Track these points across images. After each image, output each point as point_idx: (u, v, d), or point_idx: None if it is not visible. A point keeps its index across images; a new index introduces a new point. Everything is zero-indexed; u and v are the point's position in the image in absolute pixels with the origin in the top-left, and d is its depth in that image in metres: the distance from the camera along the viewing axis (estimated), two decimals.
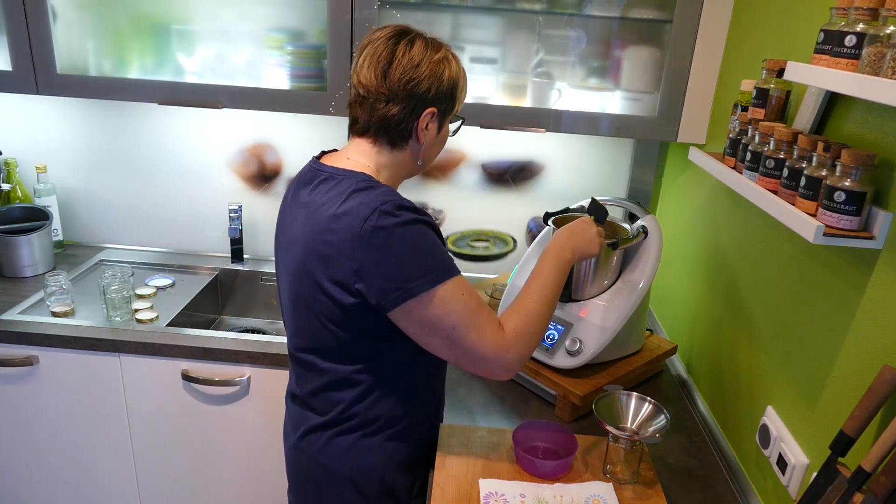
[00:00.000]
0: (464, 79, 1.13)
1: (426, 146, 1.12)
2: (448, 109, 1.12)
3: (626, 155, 1.96)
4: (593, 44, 1.66)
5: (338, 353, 1.09)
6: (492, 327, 1.03)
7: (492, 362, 1.03)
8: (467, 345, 1.02)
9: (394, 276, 0.98)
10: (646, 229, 1.41)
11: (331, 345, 1.09)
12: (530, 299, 1.09)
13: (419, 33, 1.09)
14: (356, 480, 1.15)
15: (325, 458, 1.15)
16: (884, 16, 0.83)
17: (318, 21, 1.66)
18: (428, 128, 1.10)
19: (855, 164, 0.88)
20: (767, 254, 1.24)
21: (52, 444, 1.72)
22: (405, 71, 1.04)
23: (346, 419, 1.12)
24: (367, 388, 1.11)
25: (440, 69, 1.07)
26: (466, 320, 1.01)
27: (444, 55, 1.09)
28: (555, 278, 1.12)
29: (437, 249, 1.02)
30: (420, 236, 1.00)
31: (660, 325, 1.84)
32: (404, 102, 1.06)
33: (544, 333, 1.09)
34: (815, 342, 1.05)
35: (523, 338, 1.05)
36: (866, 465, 0.83)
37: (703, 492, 1.20)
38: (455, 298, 1.01)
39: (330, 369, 1.11)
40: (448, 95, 1.10)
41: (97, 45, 1.73)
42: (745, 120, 1.21)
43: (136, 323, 1.68)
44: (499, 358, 1.03)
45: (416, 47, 1.06)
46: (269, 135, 1.99)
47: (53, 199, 2.00)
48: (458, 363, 1.05)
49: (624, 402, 1.20)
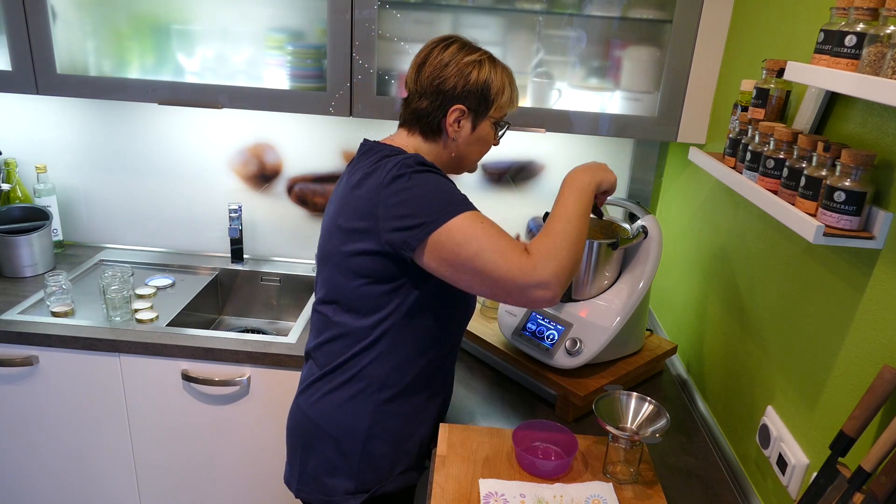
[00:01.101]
0: (503, 84, 1.18)
1: (460, 143, 1.20)
2: (482, 110, 1.18)
3: (626, 155, 1.96)
4: (593, 44, 1.66)
5: (350, 306, 1.16)
6: (517, 250, 1.04)
7: (524, 283, 1.02)
8: (495, 270, 1.03)
9: (413, 214, 1.05)
10: (646, 229, 1.41)
11: (346, 296, 1.16)
12: (553, 221, 1.09)
13: (460, 40, 1.19)
14: (339, 440, 1.19)
15: (314, 413, 1.21)
16: (884, 16, 0.83)
17: (318, 21, 1.66)
18: (460, 125, 1.18)
19: (855, 164, 0.88)
20: (767, 254, 1.24)
21: (52, 444, 1.72)
22: (434, 70, 1.16)
23: (340, 373, 1.18)
24: (367, 345, 1.16)
25: (468, 70, 1.15)
26: (489, 245, 1.03)
27: (478, 59, 1.16)
28: (575, 199, 1.11)
29: (452, 190, 1.09)
30: (435, 180, 1.08)
31: (660, 325, 1.84)
32: (432, 98, 1.16)
33: (577, 251, 1.07)
34: (815, 342, 1.05)
35: (551, 253, 1.04)
36: (866, 465, 0.83)
37: (703, 492, 1.20)
38: (474, 226, 1.04)
39: (340, 322, 1.18)
40: (479, 96, 1.16)
41: (97, 45, 1.73)
42: (745, 120, 1.21)
43: (136, 323, 1.68)
44: (529, 277, 1.02)
45: (450, 50, 1.16)
46: (269, 135, 1.99)
47: (53, 199, 2.00)
48: (495, 294, 1.06)
49: (624, 402, 1.20)
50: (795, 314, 1.12)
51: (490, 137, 1.23)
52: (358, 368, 1.17)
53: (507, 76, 1.20)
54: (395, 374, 1.18)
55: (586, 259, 1.38)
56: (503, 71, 1.20)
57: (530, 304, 1.05)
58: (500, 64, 1.21)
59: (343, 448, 1.19)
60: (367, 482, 1.20)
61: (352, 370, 1.18)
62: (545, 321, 1.42)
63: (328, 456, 1.20)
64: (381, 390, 1.18)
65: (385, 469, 1.21)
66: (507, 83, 1.20)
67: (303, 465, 1.24)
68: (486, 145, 1.25)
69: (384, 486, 1.21)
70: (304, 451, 1.23)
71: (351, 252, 1.12)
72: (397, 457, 1.22)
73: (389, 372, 1.17)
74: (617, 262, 1.42)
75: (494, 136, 1.24)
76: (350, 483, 1.20)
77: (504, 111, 1.22)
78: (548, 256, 1.04)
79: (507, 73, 1.21)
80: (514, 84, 1.23)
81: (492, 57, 1.20)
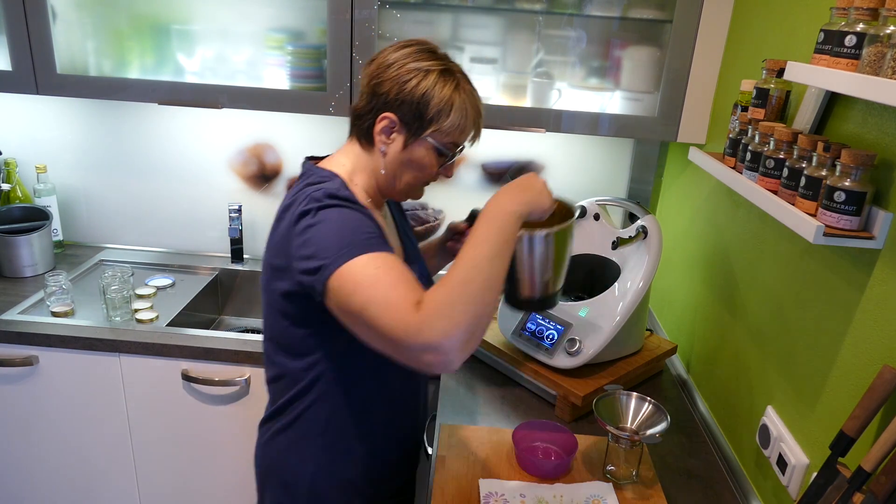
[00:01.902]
0: (450, 105, 1.03)
1: (389, 159, 1.07)
2: (415, 128, 1.04)
3: (626, 155, 1.96)
4: (593, 44, 1.66)
5: (284, 345, 1.09)
6: (406, 304, 0.86)
7: (409, 344, 0.84)
8: (381, 327, 0.87)
9: (314, 256, 0.94)
10: (646, 229, 1.41)
11: (278, 335, 1.09)
12: (456, 266, 0.90)
13: (426, 46, 1.06)
14: (287, 484, 1.14)
15: (264, 453, 1.17)
16: (884, 16, 0.83)
17: (318, 21, 1.66)
18: (391, 137, 1.05)
19: (855, 164, 0.88)
20: (767, 254, 1.24)
21: (52, 444, 1.72)
22: (377, 68, 1.05)
23: (283, 416, 1.12)
24: (303, 388, 1.09)
25: (408, 76, 1.02)
26: (376, 296, 0.87)
27: (427, 68, 1.02)
28: (491, 235, 0.93)
29: (356, 228, 0.95)
30: (339, 216, 0.97)
31: (660, 325, 1.84)
32: (367, 98, 1.06)
33: (480, 305, 0.87)
34: (815, 342, 1.05)
35: (444, 310, 0.85)
36: (866, 465, 0.83)
37: (703, 492, 1.20)
38: (366, 273, 0.90)
39: (278, 362, 1.11)
40: (413, 109, 1.02)
41: (97, 45, 1.73)
42: (745, 120, 1.21)
43: (136, 323, 1.68)
44: (414, 338, 0.84)
45: (403, 51, 1.04)
46: (269, 135, 1.99)
47: (53, 199, 2.00)
48: (390, 354, 0.89)
49: (624, 402, 1.20)
50: (795, 314, 1.12)
51: (428, 164, 1.07)
52: (298, 412, 1.10)
53: (463, 99, 1.04)
54: (335, 419, 1.10)
55: (538, 257, 1.11)
56: (460, 92, 1.04)
57: (424, 368, 0.87)
58: (463, 84, 1.05)
59: (291, 491, 1.14)
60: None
61: (293, 413, 1.11)
62: (545, 321, 1.42)
63: (279, 497, 1.16)
64: (323, 434, 1.11)
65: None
66: (458, 106, 1.04)
67: (260, 501, 1.21)
68: (423, 172, 1.08)
69: None
70: (260, 488, 1.20)
71: (274, 290, 1.05)
72: (349, 498, 1.16)
73: (329, 416, 1.10)
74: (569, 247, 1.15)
75: (437, 164, 1.08)
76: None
77: (452, 138, 1.06)
78: (439, 314, 0.84)
79: (467, 96, 1.05)
80: (473, 111, 1.06)
81: (449, 72, 1.04)
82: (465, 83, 1.06)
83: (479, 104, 1.08)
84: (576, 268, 1.51)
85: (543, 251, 1.07)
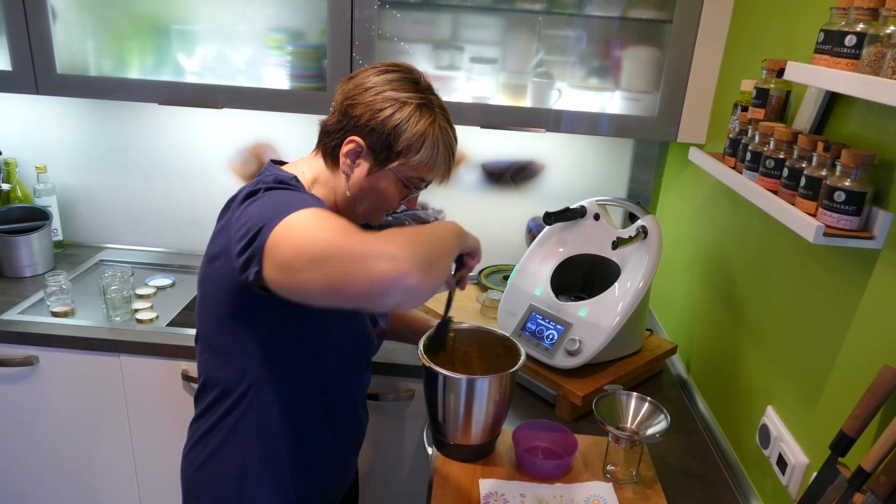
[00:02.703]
0: (422, 142, 1.00)
1: (352, 183, 1.04)
2: (382, 158, 1.01)
3: (626, 155, 1.96)
4: (593, 44, 1.66)
5: (215, 347, 1.05)
6: (361, 230, 0.81)
7: (361, 251, 0.78)
8: (332, 248, 0.79)
9: (254, 225, 0.87)
10: (646, 229, 1.41)
11: (209, 335, 1.06)
12: (413, 227, 0.90)
13: (412, 74, 1.04)
14: (215, 490, 1.09)
15: (186, 461, 1.13)
16: (884, 16, 0.84)
17: (318, 21, 1.66)
18: (356, 162, 1.03)
19: (855, 164, 0.88)
20: (767, 254, 1.24)
21: (52, 444, 1.72)
22: (353, 89, 1.02)
23: (210, 420, 1.09)
24: (236, 397, 1.05)
25: (383, 105, 0.99)
26: (329, 226, 0.82)
27: (404, 99, 1.00)
28: (440, 226, 0.94)
29: (304, 199, 0.91)
30: (286, 193, 0.94)
31: (660, 325, 1.84)
32: (339, 117, 1.03)
33: (433, 245, 0.85)
34: (815, 342, 1.05)
35: (401, 235, 0.81)
36: (866, 465, 0.83)
37: (703, 492, 1.20)
38: (310, 219, 0.84)
39: (207, 367, 1.08)
40: (382, 139, 1.00)
41: (97, 45, 1.73)
42: (745, 120, 1.21)
43: (136, 323, 1.68)
44: (373, 247, 0.78)
45: (384, 77, 1.01)
46: (269, 135, 1.99)
47: (53, 199, 2.00)
48: (333, 283, 0.78)
49: (624, 402, 1.20)
50: (795, 314, 1.12)
51: (390, 195, 1.05)
52: (230, 422, 1.06)
53: (436, 136, 1.01)
54: (267, 430, 1.06)
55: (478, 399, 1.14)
56: (434, 128, 1.01)
57: (376, 283, 0.76)
58: (439, 121, 1.02)
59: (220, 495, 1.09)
60: None
61: (223, 422, 1.07)
62: (545, 321, 1.42)
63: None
64: (254, 442, 1.06)
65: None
66: (429, 143, 1.01)
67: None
68: (384, 202, 1.06)
69: None
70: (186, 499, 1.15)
71: (208, 282, 1.02)
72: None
73: (260, 427, 1.05)
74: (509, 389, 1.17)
75: (399, 196, 1.06)
76: None
77: (418, 174, 1.04)
78: (398, 235, 0.80)
79: (441, 133, 1.02)
80: (444, 149, 1.03)
81: (427, 106, 1.01)
82: (441, 119, 1.03)
83: (452, 142, 1.05)
84: (576, 268, 1.51)
85: (487, 395, 1.12)
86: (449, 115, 1.07)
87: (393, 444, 1.67)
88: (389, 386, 1.59)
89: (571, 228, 1.52)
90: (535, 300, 1.45)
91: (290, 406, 1.06)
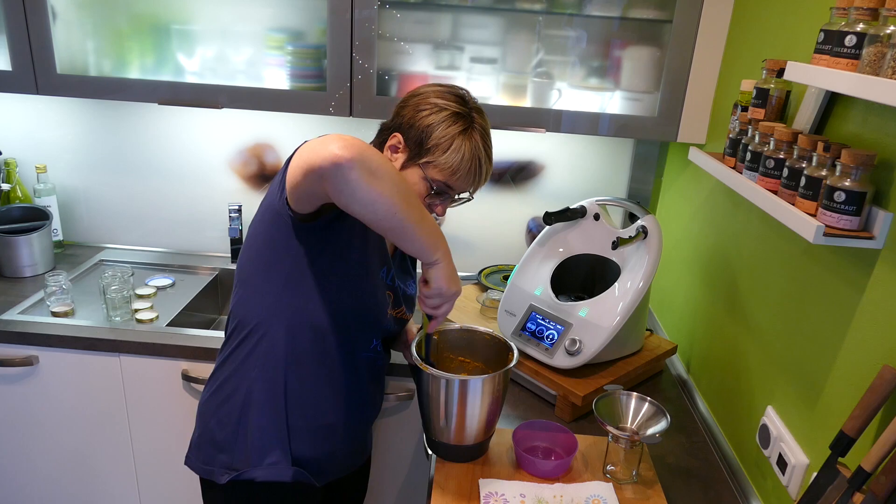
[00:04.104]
0: (451, 145, 1.09)
1: None
2: (415, 153, 1.12)
3: (626, 155, 1.96)
4: (593, 44, 1.66)
5: (243, 278, 1.17)
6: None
7: (324, 141, 0.93)
8: (323, 141, 0.94)
9: (291, 161, 1.02)
10: (645, 229, 1.41)
11: (241, 265, 1.18)
12: None
13: (466, 97, 1.15)
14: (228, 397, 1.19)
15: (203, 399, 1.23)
16: (884, 16, 0.84)
17: (318, 21, 1.66)
18: (394, 155, 1.14)
19: (855, 164, 0.88)
20: (767, 254, 1.24)
21: (52, 444, 1.72)
22: (409, 95, 1.16)
23: (223, 347, 1.20)
24: (241, 321, 1.16)
25: (425, 108, 1.11)
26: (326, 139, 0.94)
27: (444, 106, 1.11)
28: (421, 212, 1.00)
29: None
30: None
31: (660, 325, 1.84)
32: (393, 117, 1.17)
33: (387, 175, 0.94)
34: (815, 342, 1.05)
35: (371, 152, 0.94)
36: (866, 465, 0.83)
37: (703, 492, 1.20)
38: (322, 140, 0.96)
39: (234, 297, 1.19)
40: (417, 136, 1.11)
41: (97, 45, 1.73)
42: (745, 120, 1.21)
43: (136, 323, 1.68)
44: (331, 138, 0.93)
45: (433, 88, 1.14)
46: (269, 135, 1.99)
47: (53, 199, 2.00)
48: (305, 162, 0.95)
49: (624, 402, 1.20)
50: (795, 314, 1.12)
51: (417, 191, 1.13)
52: (246, 354, 1.16)
53: (465, 144, 1.10)
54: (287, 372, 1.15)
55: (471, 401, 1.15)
56: (467, 137, 1.11)
57: (324, 159, 0.91)
58: (473, 134, 1.11)
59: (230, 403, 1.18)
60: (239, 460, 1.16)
61: (241, 354, 1.17)
62: (545, 321, 1.42)
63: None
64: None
65: (256, 450, 1.15)
66: (456, 147, 1.10)
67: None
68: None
69: (253, 471, 1.15)
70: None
71: (259, 222, 1.15)
72: (270, 440, 1.16)
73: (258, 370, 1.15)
74: (498, 396, 1.17)
75: (425, 194, 1.14)
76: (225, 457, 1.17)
77: (444, 177, 1.12)
78: (371, 150, 0.94)
79: (471, 144, 1.11)
80: (471, 159, 1.11)
81: (465, 117, 1.11)
82: (476, 133, 1.13)
83: (481, 155, 1.13)
84: (576, 268, 1.52)
85: (479, 396, 1.13)
86: (489, 137, 1.16)
87: (393, 445, 1.67)
88: (388, 386, 1.59)
89: (571, 228, 1.52)
90: (535, 300, 1.45)
91: (293, 349, 1.14)
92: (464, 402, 1.13)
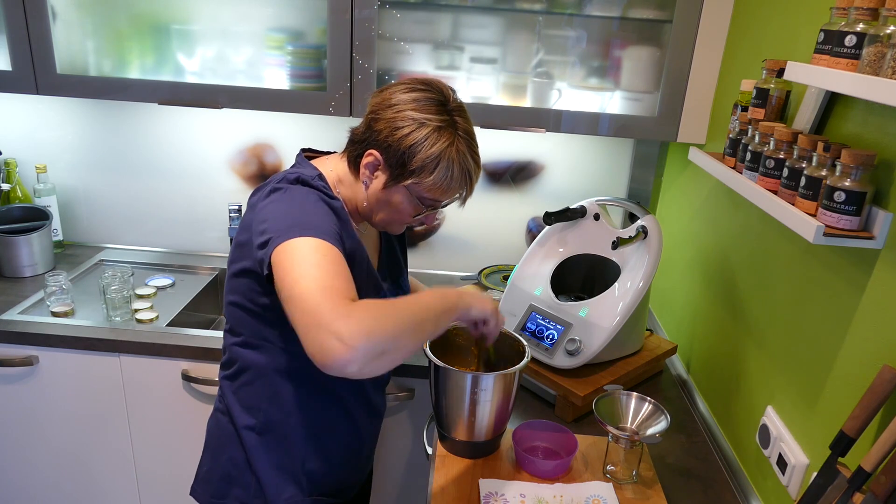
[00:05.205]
0: (437, 163, 1.02)
1: (370, 193, 1.09)
2: (397, 174, 1.04)
3: (626, 155, 1.96)
4: (593, 44, 1.66)
5: (238, 333, 1.12)
6: (340, 293, 0.86)
7: (325, 322, 0.82)
8: (306, 301, 0.84)
9: (267, 230, 0.95)
10: (646, 229, 1.41)
11: (235, 322, 1.12)
12: (399, 300, 0.93)
13: (441, 94, 1.06)
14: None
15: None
16: (884, 16, 0.83)
17: (318, 21, 1.66)
18: (374, 174, 1.07)
19: (855, 164, 0.88)
20: (767, 254, 1.24)
21: (52, 444, 1.72)
22: (381, 102, 1.06)
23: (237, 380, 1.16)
24: (255, 372, 1.13)
25: (402, 124, 1.02)
26: (315, 275, 0.87)
27: (423, 120, 1.02)
28: (433, 299, 0.97)
29: (316, 213, 0.98)
30: (303, 196, 1.00)
31: (660, 325, 1.84)
32: (364, 127, 1.08)
33: (402, 332, 0.88)
34: (815, 342, 1.05)
35: (374, 313, 0.85)
36: (866, 465, 0.83)
37: (703, 492, 1.20)
38: (310, 254, 0.89)
39: (234, 351, 1.15)
40: (398, 156, 1.03)
41: (97, 45, 1.73)
42: (745, 120, 1.21)
43: (136, 323, 1.68)
44: (334, 321, 0.82)
45: (411, 95, 1.04)
46: (269, 135, 1.99)
47: (53, 199, 2.00)
48: (297, 327, 0.85)
49: (624, 402, 1.20)
50: (795, 314, 1.12)
51: (405, 210, 1.09)
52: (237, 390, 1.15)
53: (452, 159, 1.03)
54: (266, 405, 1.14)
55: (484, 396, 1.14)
56: (452, 150, 1.03)
57: (321, 355, 0.82)
58: (459, 144, 1.03)
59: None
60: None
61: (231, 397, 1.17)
62: (545, 321, 1.42)
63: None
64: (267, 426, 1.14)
65: (272, 487, 1.14)
66: (443, 166, 1.03)
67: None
68: (399, 215, 1.10)
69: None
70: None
71: (235, 269, 1.08)
72: (285, 480, 1.15)
73: (260, 398, 1.14)
74: (510, 394, 1.18)
75: (414, 212, 1.09)
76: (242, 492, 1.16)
77: (432, 194, 1.06)
78: (368, 313, 0.84)
79: (459, 156, 1.04)
80: (460, 173, 1.05)
81: (448, 128, 1.03)
82: (461, 143, 1.04)
83: (469, 166, 1.06)
84: (576, 268, 1.52)
85: (491, 393, 1.12)
86: (474, 140, 1.08)
87: (393, 444, 1.67)
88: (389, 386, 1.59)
89: (571, 228, 1.52)
90: (535, 300, 1.45)
91: (297, 387, 1.12)
92: (475, 397, 1.12)
